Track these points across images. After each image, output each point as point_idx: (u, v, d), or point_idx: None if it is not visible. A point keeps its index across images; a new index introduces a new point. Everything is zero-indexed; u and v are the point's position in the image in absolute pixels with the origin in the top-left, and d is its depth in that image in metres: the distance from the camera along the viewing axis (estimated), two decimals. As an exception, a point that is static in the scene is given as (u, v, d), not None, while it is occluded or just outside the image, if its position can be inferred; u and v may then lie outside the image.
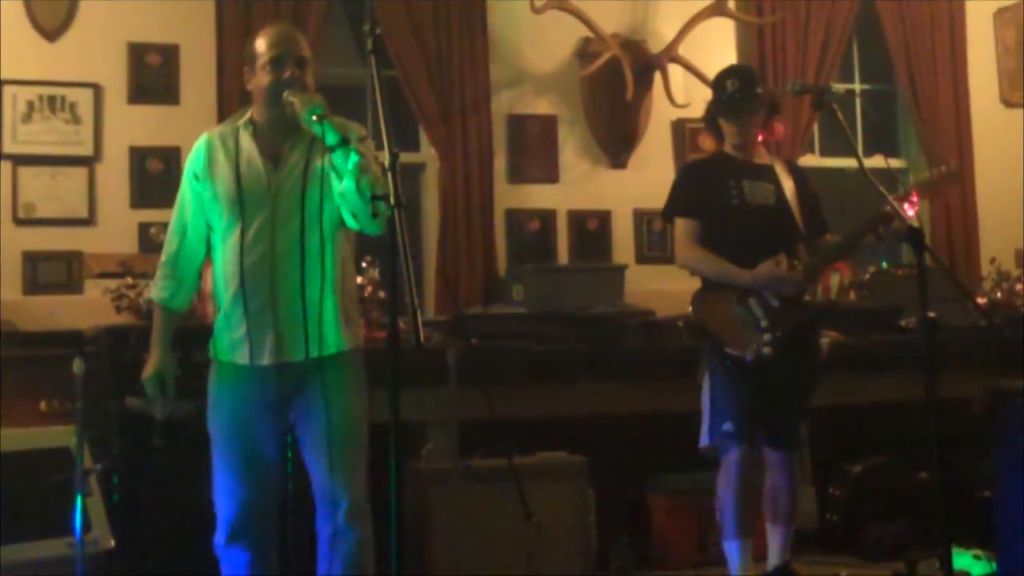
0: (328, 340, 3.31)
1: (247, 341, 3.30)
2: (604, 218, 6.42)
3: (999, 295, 6.10)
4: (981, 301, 5.80)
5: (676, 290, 4.74)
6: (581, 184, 6.42)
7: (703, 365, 4.30)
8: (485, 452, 4.77)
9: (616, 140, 6.43)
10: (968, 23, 7.01)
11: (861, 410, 5.43)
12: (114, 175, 5.63)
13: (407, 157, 5.89)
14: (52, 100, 5.55)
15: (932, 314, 3.34)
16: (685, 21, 6.33)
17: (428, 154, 6.22)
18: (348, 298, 3.41)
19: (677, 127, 6.53)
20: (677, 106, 6.29)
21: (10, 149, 5.48)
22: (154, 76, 5.71)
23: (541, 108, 6.39)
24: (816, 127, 6.75)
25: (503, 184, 6.25)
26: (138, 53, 5.70)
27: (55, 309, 5.28)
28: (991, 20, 7.13)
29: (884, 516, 5.30)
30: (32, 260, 5.47)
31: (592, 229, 6.40)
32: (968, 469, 4.91)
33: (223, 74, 5.68)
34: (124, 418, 4.37)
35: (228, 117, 3.62)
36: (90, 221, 5.58)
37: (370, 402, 3.39)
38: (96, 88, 5.62)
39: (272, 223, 3.28)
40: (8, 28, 5.49)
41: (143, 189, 5.64)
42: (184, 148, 5.41)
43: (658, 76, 6.30)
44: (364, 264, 5.00)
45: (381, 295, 4.94)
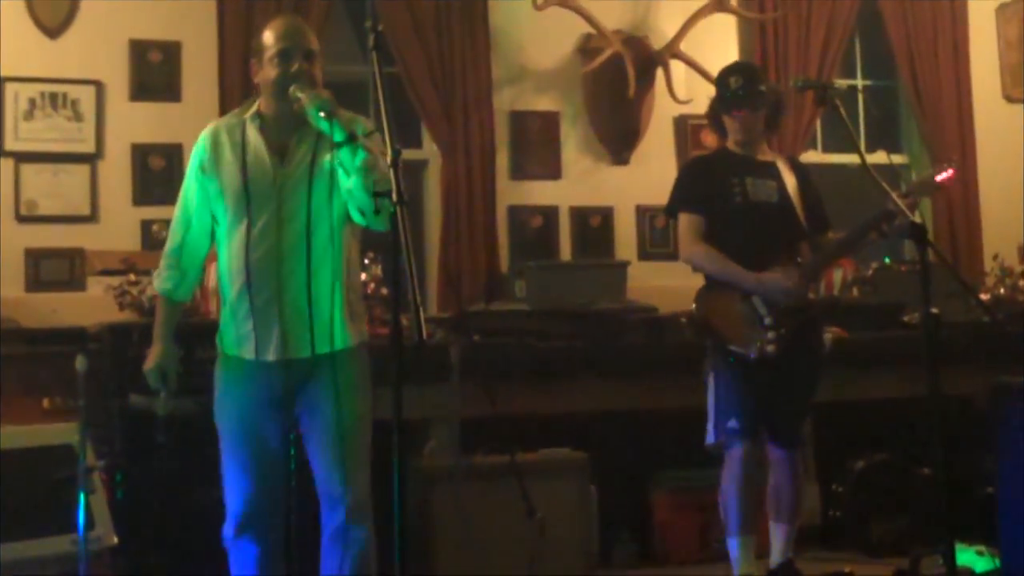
0: (334, 336, 3.30)
1: (253, 336, 3.29)
2: (606, 214, 6.42)
3: (1002, 291, 6.09)
4: (984, 297, 5.80)
5: (679, 286, 4.73)
6: (583, 180, 6.41)
7: (707, 363, 4.30)
8: (487, 449, 4.76)
9: (618, 136, 6.42)
10: (970, 19, 7.00)
11: (864, 406, 5.42)
12: (116, 172, 5.63)
13: (409, 154, 5.90)
14: (54, 97, 5.55)
15: (935, 310, 3.33)
16: (687, 17, 6.32)
17: (430, 151, 6.21)
18: (353, 294, 3.40)
19: (679, 123, 6.52)
20: (679, 102, 6.29)
21: (12, 146, 5.48)
22: (156, 73, 5.71)
23: (543, 104, 6.39)
24: (818, 123, 6.74)
25: (505, 181, 6.24)
26: (140, 50, 5.70)
27: (57, 306, 5.28)
28: (993, 16, 7.12)
29: (887, 512, 5.29)
30: (34, 257, 5.47)
31: (594, 226, 6.39)
32: (971, 465, 4.91)
33: (225, 71, 5.65)
34: (127, 415, 4.37)
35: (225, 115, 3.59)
36: (92, 218, 5.58)
37: (373, 399, 3.38)
38: (98, 85, 5.62)
39: (278, 218, 3.26)
40: (10, 25, 5.49)
41: (145, 186, 5.64)
42: (186, 145, 5.45)
43: (660, 72, 6.29)
44: (367, 261, 4.99)
45: (383, 292, 4.93)
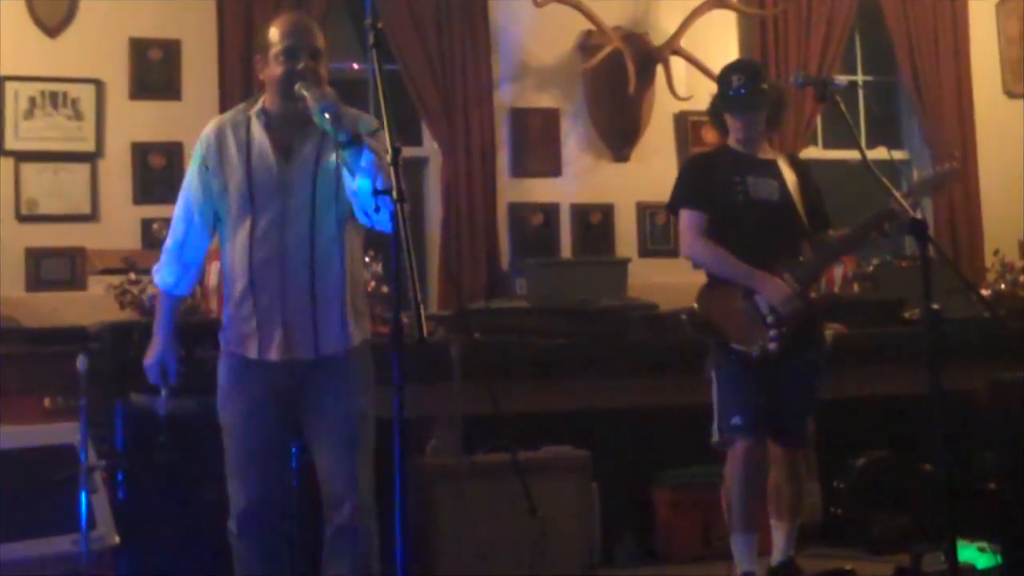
0: (337, 337, 3.29)
1: (256, 336, 3.28)
2: (607, 212, 6.41)
3: (1003, 286, 6.09)
4: (985, 293, 5.78)
5: (679, 283, 4.73)
6: (584, 178, 6.41)
7: (709, 360, 4.29)
8: (489, 447, 4.75)
9: (619, 133, 6.42)
10: (970, 14, 6.99)
11: (865, 403, 5.42)
12: (116, 171, 5.63)
13: (409, 151, 5.90)
14: (54, 96, 5.54)
15: (936, 306, 3.32)
16: (687, 14, 6.32)
17: (430, 148, 6.21)
18: (357, 293, 3.39)
19: (680, 120, 6.51)
20: (679, 99, 6.29)
21: (12, 145, 5.48)
22: (156, 71, 5.71)
23: (543, 102, 6.38)
24: (819, 119, 6.73)
25: (506, 178, 6.24)
26: (140, 48, 5.69)
27: (58, 306, 5.28)
28: (994, 11, 7.11)
29: (888, 509, 5.28)
30: (35, 257, 5.47)
31: (595, 223, 6.39)
32: (973, 461, 4.90)
33: (225, 69, 5.64)
34: (128, 415, 4.36)
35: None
36: (93, 217, 5.58)
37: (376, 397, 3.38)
38: (98, 84, 5.62)
39: (282, 218, 3.25)
40: (10, 24, 5.49)
41: (145, 185, 5.64)
42: (186, 143, 5.48)
43: (660, 69, 6.29)
44: (367, 259, 4.98)
45: (384, 290, 4.93)
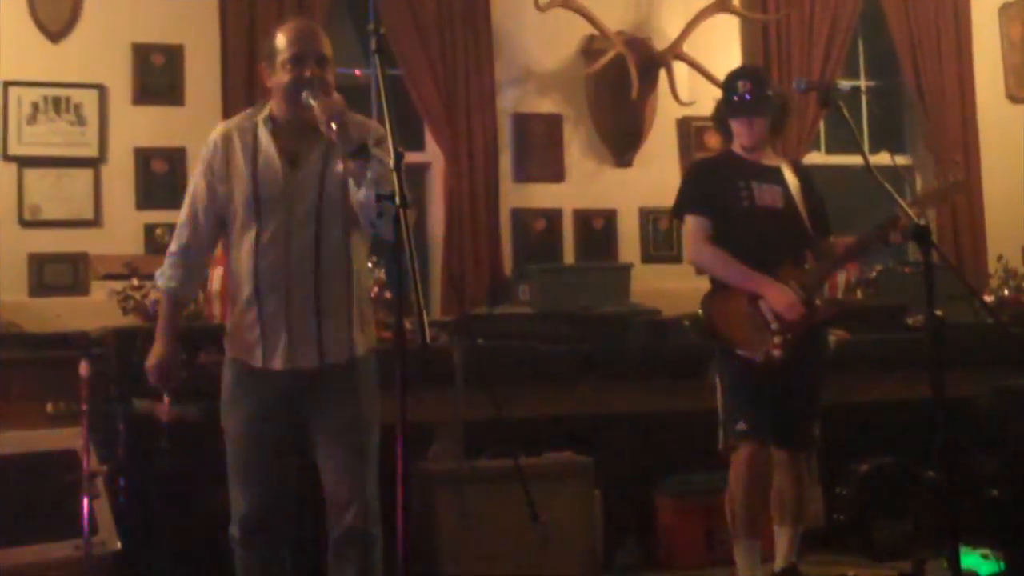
0: (342, 346, 3.28)
1: (260, 344, 3.27)
2: (610, 217, 6.41)
3: (1006, 292, 6.09)
4: (988, 299, 5.79)
5: (682, 289, 4.73)
6: (586, 183, 6.41)
7: (713, 366, 4.29)
8: (491, 453, 4.75)
9: (621, 138, 6.42)
10: (973, 18, 7.01)
11: (868, 409, 5.40)
12: (119, 176, 5.63)
13: (412, 157, 5.90)
14: (57, 101, 5.55)
15: (939, 312, 3.32)
16: (690, 18, 6.32)
17: (433, 153, 6.21)
18: (363, 302, 3.38)
19: (682, 125, 6.52)
20: (682, 104, 6.29)
21: (15, 151, 5.49)
22: (158, 77, 5.71)
23: (546, 107, 6.39)
24: (822, 124, 6.73)
25: (508, 183, 6.24)
26: (142, 54, 5.70)
27: (61, 311, 5.28)
28: (996, 15, 7.11)
29: (891, 515, 5.28)
30: (38, 262, 5.47)
31: (598, 228, 6.39)
32: (975, 468, 4.89)
33: (227, 74, 5.65)
34: (130, 420, 4.37)
35: (232, 117, 3.55)
36: (95, 222, 5.58)
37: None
38: (101, 89, 5.62)
39: (288, 226, 3.23)
40: (12, 29, 5.50)
41: (148, 190, 5.64)
42: (189, 148, 5.50)
43: (663, 74, 6.29)
44: (370, 264, 4.98)
45: (387, 295, 4.93)
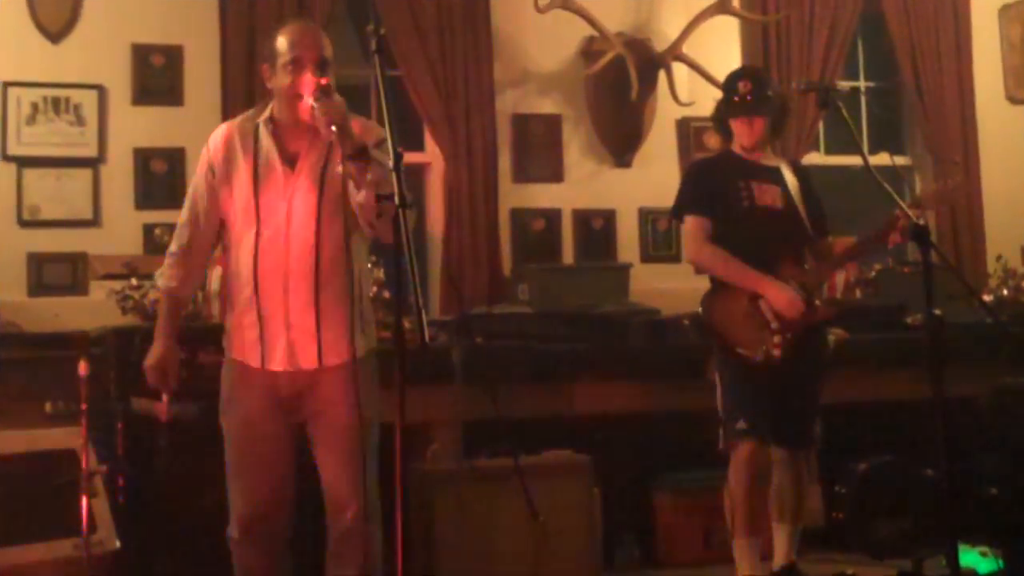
0: (342, 347, 3.27)
1: (259, 345, 3.28)
2: (609, 217, 6.42)
3: (1005, 292, 6.08)
4: (987, 298, 5.78)
5: (681, 288, 4.74)
6: (586, 183, 6.41)
7: (712, 365, 4.29)
8: (490, 452, 4.74)
9: (621, 139, 6.42)
10: (973, 19, 7.00)
11: (867, 408, 5.41)
12: (118, 176, 5.64)
13: (411, 157, 5.90)
14: (56, 102, 5.55)
15: (938, 311, 3.33)
16: (689, 19, 6.32)
17: (433, 154, 6.21)
18: (363, 303, 3.38)
19: (682, 125, 6.52)
20: (682, 104, 6.29)
21: (15, 151, 5.49)
22: (158, 77, 5.71)
23: (545, 107, 6.39)
24: (821, 125, 6.73)
25: (508, 183, 6.25)
26: (142, 54, 5.70)
27: (60, 310, 5.28)
28: (996, 16, 7.10)
29: (890, 514, 5.27)
30: (37, 262, 5.48)
31: (597, 228, 6.39)
32: (975, 466, 4.89)
33: (227, 75, 5.65)
34: (129, 419, 4.37)
35: (232, 118, 3.56)
36: (95, 223, 5.58)
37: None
38: (100, 89, 5.62)
39: (287, 227, 3.24)
40: (12, 30, 5.51)
41: (147, 190, 5.65)
42: (188, 149, 5.50)
43: (663, 75, 6.29)
44: (369, 264, 4.98)
45: (386, 295, 4.93)
